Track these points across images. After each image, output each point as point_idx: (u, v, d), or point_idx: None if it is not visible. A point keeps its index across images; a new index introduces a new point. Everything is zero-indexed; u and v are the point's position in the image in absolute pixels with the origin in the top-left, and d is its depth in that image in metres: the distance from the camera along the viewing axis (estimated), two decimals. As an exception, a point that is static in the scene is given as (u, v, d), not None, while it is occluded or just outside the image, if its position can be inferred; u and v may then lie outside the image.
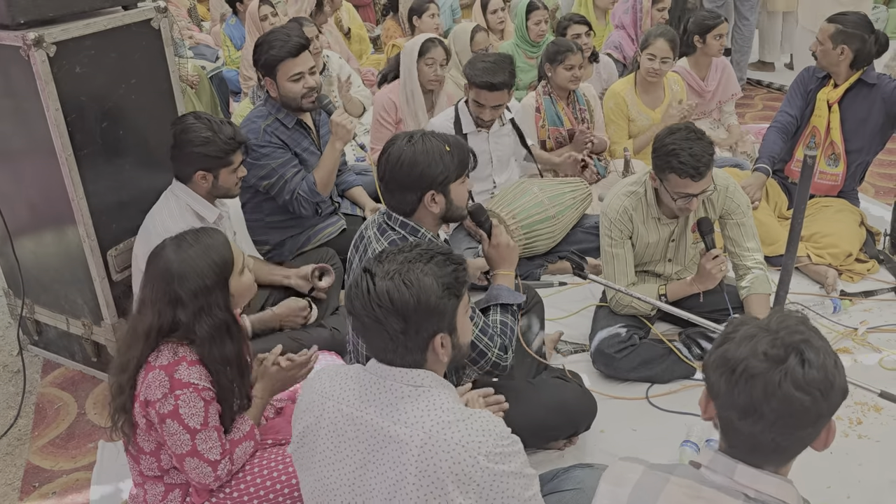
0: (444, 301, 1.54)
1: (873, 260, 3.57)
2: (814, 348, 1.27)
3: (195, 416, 1.90)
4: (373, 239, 2.25)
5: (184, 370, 1.90)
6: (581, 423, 2.53)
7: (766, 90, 6.56)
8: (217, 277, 1.93)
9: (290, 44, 3.11)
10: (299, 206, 3.22)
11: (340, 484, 1.54)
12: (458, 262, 1.61)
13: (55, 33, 2.51)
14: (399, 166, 2.13)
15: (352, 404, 1.55)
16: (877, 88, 3.49)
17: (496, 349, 2.16)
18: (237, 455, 2.03)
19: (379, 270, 1.53)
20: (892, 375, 2.87)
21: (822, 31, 3.50)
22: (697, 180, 2.63)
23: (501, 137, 3.73)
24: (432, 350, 1.56)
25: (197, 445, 1.92)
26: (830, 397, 1.27)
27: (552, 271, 3.66)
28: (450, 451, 1.42)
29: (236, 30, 6.40)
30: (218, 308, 1.93)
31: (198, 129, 2.61)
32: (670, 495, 1.34)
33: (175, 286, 1.90)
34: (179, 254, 1.93)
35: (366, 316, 1.51)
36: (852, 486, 2.39)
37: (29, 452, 2.78)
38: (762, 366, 1.26)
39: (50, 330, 3.18)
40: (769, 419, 1.27)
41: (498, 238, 2.35)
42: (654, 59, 4.14)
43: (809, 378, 1.24)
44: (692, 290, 2.86)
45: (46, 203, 2.78)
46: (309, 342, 2.83)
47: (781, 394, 1.25)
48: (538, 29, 5.10)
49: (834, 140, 3.60)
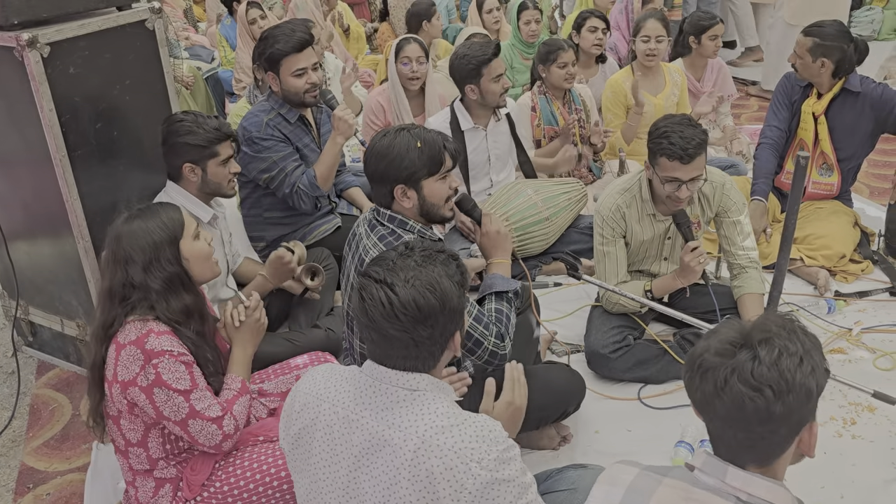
0: (461, 300, 1.56)
1: (867, 261, 3.57)
2: (773, 346, 1.25)
3: (181, 379, 1.93)
4: (363, 235, 2.26)
5: (153, 340, 1.92)
6: (570, 402, 2.52)
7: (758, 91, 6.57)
8: (164, 234, 2.00)
9: (294, 39, 3.12)
10: (299, 200, 3.22)
11: (334, 486, 1.54)
12: (456, 256, 1.62)
13: (49, 34, 2.51)
14: (372, 157, 2.20)
15: (347, 406, 1.54)
16: (862, 96, 3.45)
17: (492, 338, 2.16)
18: (237, 410, 2.05)
19: (396, 280, 1.50)
20: (885, 376, 2.87)
21: (799, 45, 3.45)
22: (686, 163, 2.62)
23: (499, 135, 3.73)
24: (448, 349, 1.57)
25: (194, 405, 1.95)
26: (786, 399, 1.24)
27: (546, 272, 3.66)
28: (442, 457, 1.41)
29: (232, 30, 6.38)
30: (168, 262, 1.99)
31: (182, 121, 2.66)
32: (662, 497, 1.34)
33: (124, 244, 1.98)
34: (130, 223, 2.02)
35: (390, 328, 1.48)
36: (846, 487, 2.39)
37: (23, 454, 2.78)
38: (714, 360, 1.27)
39: (44, 331, 3.18)
40: (721, 415, 1.28)
41: (488, 226, 2.36)
42: (648, 39, 4.17)
43: (758, 374, 1.23)
44: (676, 285, 2.84)
45: (40, 204, 2.77)
46: (304, 343, 2.84)
47: (729, 389, 1.25)
48: (528, 29, 5.09)
49: (824, 151, 3.56)
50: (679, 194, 2.70)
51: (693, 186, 2.71)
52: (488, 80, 3.49)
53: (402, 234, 2.20)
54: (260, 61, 3.24)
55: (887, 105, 3.44)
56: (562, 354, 3.08)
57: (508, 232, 2.39)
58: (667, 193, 2.73)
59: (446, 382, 1.80)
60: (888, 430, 2.62)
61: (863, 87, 3.45)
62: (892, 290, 3.39)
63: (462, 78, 3.52)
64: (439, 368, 1.59)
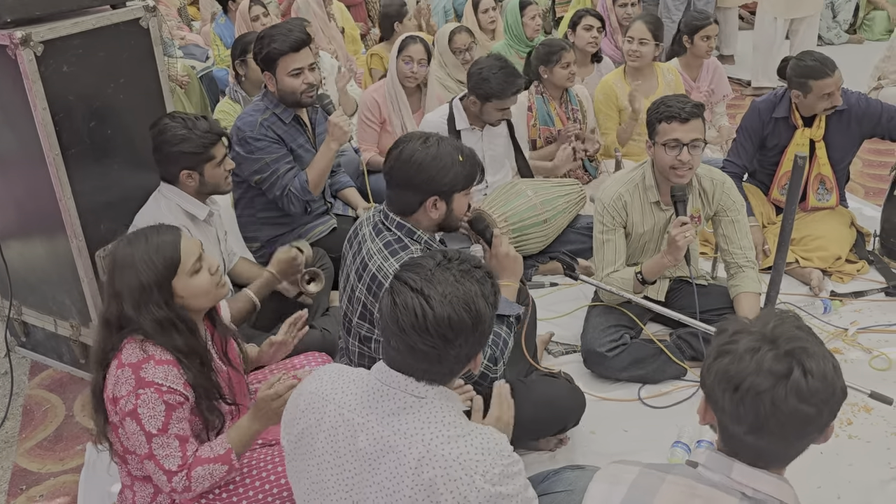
0: (493, 321, 1.54)
1: (863, 261, 3.57)
2: (813, 356, 1.27)
3: (154, 418, 1.86)
4: (367, 237, 2.23)
5: (150, 369, 1.86)
6: (569, 419, 2.51)
7: (752, 90, 6.59)
8: (155, 277, 1.90)
9: (292, 38, 3.10)
10: (289, 203, 3.21)
11: (337, 489, 1.53)
12: (492, 274, 1.58)
13: (42, 32, 2.49)
14: (410, 165, 2.13)
15: (353, 410, 1.52)
16: (847, 111, 3.43)
17: (485, 360, 2.14)
18: (198, 474, 1.90)
19: (433, 293, 1.46)
20: (882, 376, 2.87)
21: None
22: (684, 121, 2.68)
23: (495, 137, 3.73)
24: (469, 366, 1.56)
25: (153, 450, 1.87)
26: (831, 403, 1.27)
27: (543, 272, 3.65)
28: (447, 467, 1.40)
29: (226, 29, 6.36)
30: (156, 306, 1.90)
31: (173, 128, 2.58)
32: (667, 494, 1.34)
33: (115, 279, 1.92)
34: (127, 248, 1.94)
35: (420, 341, 1.45)
36: (842, 487, 2.40)
37: (16, 455, 2.76)
38: (767, 382, 1.25)
39: (37, 331, 3.16)
40: (777, 433, 1.27)
41: (498, 248, 2.30)
42: (632, 41, 4.20)
43: (813, 389, 1.24)
44: (665, 263, 2.80)
45: (34, 203, 2.75)
46: (300, 344, 2.82)
47: (787, 408, 1.24)
48: (534, 24, 5.08)
49: (823, 174, 3.53)
50: (681, 157, 2.70)
51: (695, 152, 2.72)
52: (494, 108, 3.49)
53: (409, 243, 2.18)
54: (256, 61, 3.23)
55: (873, 117, 3.45)
56: (558, 354, 3.07)
57: (518, 255, 2.34)
58: (669, 162, 2.73)
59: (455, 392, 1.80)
60: (885, 430, 2.62)
61: (847, 101, 3.43)
62: (888, 291, 3.39)
63: (471, 90, 3.51)
64: (453, 381, 1.57)
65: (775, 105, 3.54)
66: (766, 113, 3.56)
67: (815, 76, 3.30)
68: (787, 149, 3.52)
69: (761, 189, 3.76)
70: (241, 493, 2.03)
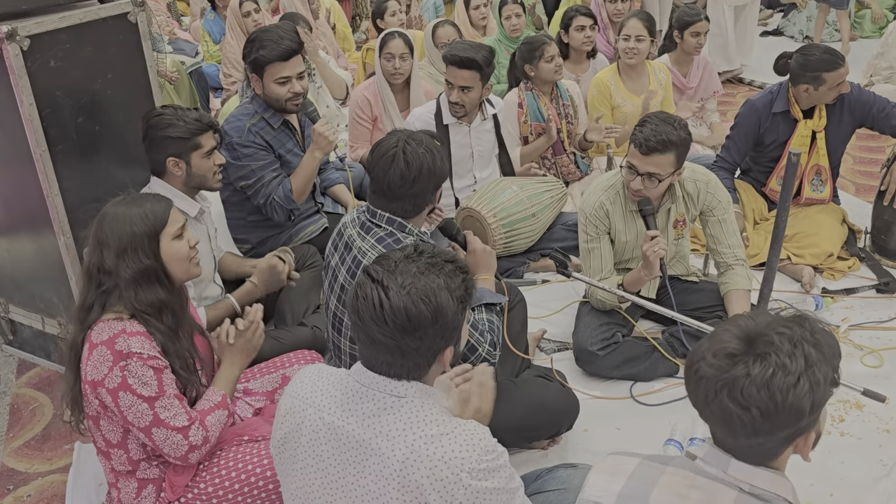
0: (458, 316, 1.50)
1: (854, 258, 3.58)
2: (769, 363, 1.22)
3: (147, 384, 1.87)
4: (356, 237, 2.23)
5: (123, 341, 1.87)
6: (563, 423, 2.51)
7: (747, 87, 6.60)
8: (144, 226, 1.96)
9: (281, 47, 3.07)
10: (272, 212, 3.20)
11: (322, 493, 1.51)
12: (466, 270, 1.56)
13: (29, 26, 2.47)
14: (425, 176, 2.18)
15: (333, 413, 1.50)
16: (841, 99, 3.44)
17: (486, 345, 2.19)
18: (209, 422, 1.99)
19: (392, 283, 1.44)
20: (873, 373, 2.87)
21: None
22: (643, 154, 2.64)
23: (483, 133, 3.71)
24: (437, 362, 1.52)
25: (159, 413, 1.89)
26: (773, 419, 1.23)
27: (535, 269, 3.65)
28: (432, 467, 1.39)
29: (215, 24, 6.34)
30: (144, 255, 1.95)
31: (162, 115, 2.62)
32: (666, 485, 1.35)
33: (104, 226, 1.96)
34: (120, 206, 2.00)
35: (378, 331, 1.44)
36: (835, 484, 2.40)
37: (3, 454, 2.73)
38: (709, 371, 1.27)
39: (25, 329, 3.13)
40: (712, 422, 1.30)
41: (474, 245, 2.41)
42: (628, 38, 4.17)
43: (747, 393, 1.22)
44: (643, 278, 2.79)
45: (20, 200, 2.73)
46: (291, 341, 2.81)
47: (718, 402, 1.25)
48: (510, 24, 5.06)
49: (820, 164, 3.54)
50: (631, 183, 2.71)
51: (648, 184, 2.70)
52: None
53: (402, 236, 2.20)
54: (246, 62, 3.20)
55: (865, 105, 3.46)
56: (550, 352, 3.06)
57: (492, 250, 2.46)
58: (624, 178, 2.74)
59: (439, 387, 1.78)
60: (876, 427, 2.62)
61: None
62: (879, 287, 3.40)
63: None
64: (430, 378, 1.54)
65: (773, 101, 3.54)
66: (763, 109, 3.56)
67: (828, 68, 3.33)
68: (790, 142, 3.53)
69: (754, 185, 3.76)
70: (227, 487, 2.02)
